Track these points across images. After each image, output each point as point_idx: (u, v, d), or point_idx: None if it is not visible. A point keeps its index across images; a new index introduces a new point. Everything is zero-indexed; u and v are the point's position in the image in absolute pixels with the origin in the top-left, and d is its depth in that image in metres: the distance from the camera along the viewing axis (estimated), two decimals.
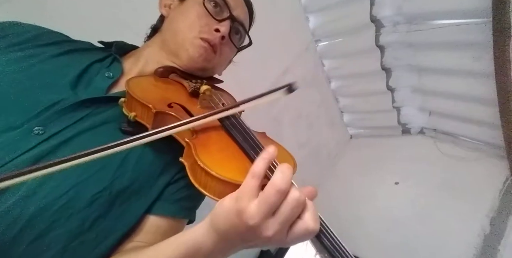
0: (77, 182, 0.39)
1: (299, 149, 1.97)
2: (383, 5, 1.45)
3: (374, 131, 2.16)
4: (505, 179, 1.44)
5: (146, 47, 0.60)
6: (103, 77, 0.50)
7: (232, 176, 0.34)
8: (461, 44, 1.30)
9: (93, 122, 0.44)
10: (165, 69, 0.55)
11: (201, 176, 0.36)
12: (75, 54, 0.52)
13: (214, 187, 0.35)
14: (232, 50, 0.63)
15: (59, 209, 0.37)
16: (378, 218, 1.69)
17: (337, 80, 2.02)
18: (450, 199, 1.52)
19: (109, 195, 0.41)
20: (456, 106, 1.54)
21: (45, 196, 0.37)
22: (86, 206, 0.39)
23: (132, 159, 0.44)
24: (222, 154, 0.39)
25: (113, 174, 0.42)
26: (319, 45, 1.86)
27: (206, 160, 0.36)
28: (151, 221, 0.46)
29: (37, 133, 0.39)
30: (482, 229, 1.35)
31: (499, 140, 1.37)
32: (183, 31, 0.55)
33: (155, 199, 0.46)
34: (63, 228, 0.37)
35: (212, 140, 0.42)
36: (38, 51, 0.48)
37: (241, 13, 0.59)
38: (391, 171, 1.85)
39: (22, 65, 0.44)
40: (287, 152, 0.47)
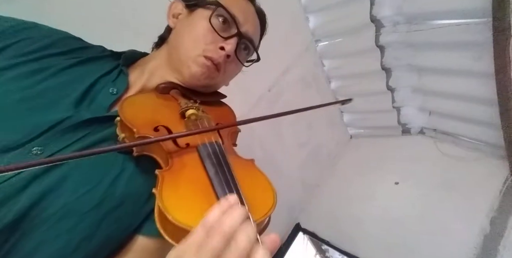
0: (68, 201, 0.39)
1: (299, 149, 1.98)
2: (383, 5, 1.45)
3: (374, 131, 2.16)
4: (505, 179, 1.44)
5: (152, 59, 0.59)
6: (107, 94, 0.50)
7: (189, 222, 0.32)
8: (461, 44, 1.30)
9: (90, 142, 0.44)
10: (166, 85, 0.54)
11: (161, 217, 0.34)
12: (84, 66, 0.51)
13: (173, 231, 0.33)
14: (238, 66, 0.61)
15: (48, 229, 0.37)
16: (378, 218, 1.69)
17: (337, 80, 2.02)
18: (450, 199, 1.52)
19: (98, 214, 0.40)
20: (456, 106, 1.54)
21: (36, 216, 0.37)
22: (75, 225, 0.39)
23: (122, 179, 0.44)
24: (188, 190, 0.37)
25: (103, 194, 0.41)
26: (319, 45, 1.87)
27: (166, 199, 0.34)
28: (138, 241, 0.45)
29: (35, 153, 0.40)
30: (482, 229, 1.35)
31: (499, 140, 1.37)
32: (187, 48, 0.53)
33: (143, 220, 0.46)
34: (46, 250, 0.37)
35: (185, 171, 0.40)
36: (50, 63, 0.47)
37: (250, 28, 0.57)
38: (391, 171, 1.85)
39: (30, 82, 0.44)
40: (268, 183, 0.44)
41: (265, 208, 0.38)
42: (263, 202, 0.39)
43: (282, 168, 1.86)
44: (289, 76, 1.76)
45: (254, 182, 0.43)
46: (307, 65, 1.86)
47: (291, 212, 1.98)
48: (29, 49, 0.47)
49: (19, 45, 0.47)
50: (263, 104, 1.65)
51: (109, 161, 0.44)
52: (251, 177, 0.44)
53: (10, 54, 0.46)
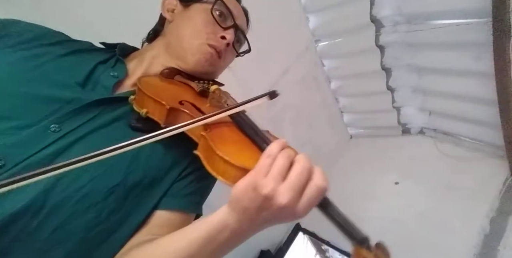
0: (94, 176, 0.41)
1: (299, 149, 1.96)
2: (383, 5, 1.45)
3: (374, 131, 2.16)
4: (505, 179, 1.44)
5: (149, 49, 0.62)
6: (108, 76, 0.52)
7: (248, 164, 0.36)
8: (461, 44, 1.30)
9: (104, 121, 0.46)
10: (170, 70, 0.57)
11: (219, 164, 0.38)
12: (80, 55, 0.53)
13: (233, 174, 0.37)
14: (233, 56, 0.66)
15: (77, 201, 0.39)
16: (378, 218, 1.69)
17: (337, 80, 2.02)
18: (450, 199, 1.52)
19: (124, 189, 0.43)
20: (456, 106, 1.54)
21: (64, 190, 0.39)
22: (102, 199, 0.41)
23: (144, 154, 0.46)
24: (236, 145, 0.42)
25: (127, 169, 0.44)
26: (319, 45, 1.87)
27: (223, 149, 0.38)
28: (161, 215, 0.47)
29: (53, 130, 0.41)
30: (482, 229, 1.35)
31: (499, 140, 1.37)
32: (190, 37, 0.57)
33: (162, 195, 0.48)
34: (81, 219, 0.39)
35: (225, 134, 0.44)
36: (44, 51, 0.49)
37: (242, 22, 0.63)
38: (391, 171, 1.85)
39: (32, 64, 0.46)
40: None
41: None
42: None
43: None
44: (289, 76, 1.76)
45: None
46: (307, 65, 1.86)
47: None
48: (18, 40, 0.48)
49: (5, 39, 0.48)
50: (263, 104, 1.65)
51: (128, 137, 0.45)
52: None
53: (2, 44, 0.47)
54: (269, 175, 0.33)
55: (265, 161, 0.34)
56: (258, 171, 0.34)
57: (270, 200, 0.32)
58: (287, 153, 0.35)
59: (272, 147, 0.36)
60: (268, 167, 0.34)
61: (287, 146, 0.38)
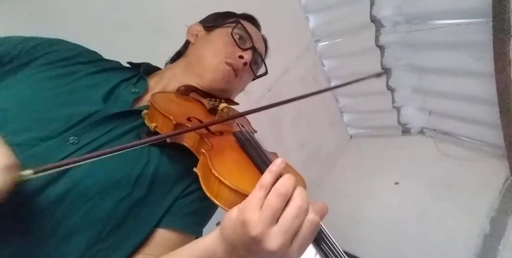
0: (102, 189, 0.42)
1: (299, 149, 1.97)
2: (383, 5, 1.45)
3: (374, 131, 2.16)
4: (505, 179, 1.44)
5: (169, 68, 0.67)
6: (129, 92, 0.56)
7: (244, 187, 0.35)
8: (461, 44, 1.30)
9: (119, 133, 0.48)
10: (186, 87, 0.60)
11: (214, 185, 0.37)
12: (107, 73, 0.58)
13: (227, 196, 0.36)
14: (250, 77, 0.70)
15: (84, 215, 0.40)
16: (378, 218, 1.69)
17: (337, 80, 2.02)
18: (450, 199, 1.52)
19: (128, 203, 0.44)
20: (456, 106, 1.54)
21: (73, 202, 0.40)
22: (107, 213, 0.42)
23: (150, 168, 0.47)
24: (235, 166, 0.42)
25: (134, 183, 0.45)
26: (319, 45, 1.86)
27: (220, 169, 0.37)
28: (160, 234, 0.47)
29: (72, 142, 0.43)
30: (482, 229, 1.35)
31: (499, 140, 1.37)
32: (210, 56, 0.61)
33: (164, 212, 0.48)
34: (84, 234, 0.40)
35: (226, 152, 0.44)
36: (78, 69, 0.54)
37: (260, 46, 0.68)
38: (391, 171, 1.85)
39: (63, 82, 0.50)
40: (296, 172, 0.48)
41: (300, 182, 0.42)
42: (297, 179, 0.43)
43: None
44: (289, 76, 1.76)
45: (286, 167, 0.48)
46: (307, 65, 1.86)
47: None
48: (57, 58, 0.54)
49: (50, 55, 0.53)
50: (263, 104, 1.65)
51: (136, 151, 0.47)
52: None
53: (42, 62, 0.52)
54: (261, 215, 0.30)
55: (258, 193, 0.32)
56: (248, 204, 0.31)
57: (258, 243, 0.30)
58: (284, 188, 0.32)
59: (266, 177, 0.33)
60: (260, 200, 0.32)
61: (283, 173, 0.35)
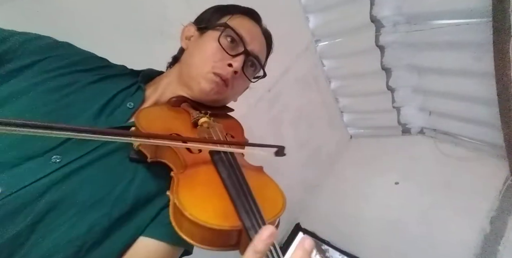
0: (82, 208, 0.41)
1: (299, 149, 1.97)
2: (383, 5, 1.45)
3: (374, 131, 2.16)
4: (505, 179, 1.44)
5: (165, 77, 0.64)
6: (125, 108, 0.53)
7: (206, 218, 0.33)
8: (461, 44, 1.30)
9: (106, 151, 0.46)
10: (177, 99, 0.58)
11: (177, 215, 0.35)
12: (106, 82, 0.56)
13: (188, 228, 0.34)
14: (246, 82, 0.65)
15: (62, 233, 0.39)
16: (378, 218, 1.69)
17: (337, 80, 2.02)
18: (450, 199, 1.52)
19: (108, 221, 0.43)
20: (456, 106, 1.54)
21: (52, 221, 0.39)
22: (86, 232, 0.41)
23: (133, 185, 0.46)
24: (203, 191, 0.39)
25: (115, 200, 0.44)
26: (319, 45, 1.86)
27: (183, 198, 0.35)
28: (143, 244, 0.46)
29: (54, 161, 0.42)
30: (482, 229, 1.35)
31: (499, 140, 1.37)
32: (197, 66, 0.57)
33: (149, 221, 0.47)
34: (61, 254, 0.39)
35: (199, 174, 0.42)
36: (77, 78, 0.52)
37: (256, 46, 0.61)
38: (391, 171, 1.85)
39: (60, 94, 0.48)
40: (278, 189, 0.45)
41: (275, 209, 0.39)
42: (273, 204, 0.41)
43: (282, 168, 1.86)
44: (289, 76, 1.76)
45: (264, 186, 0.45)
46: (307, 65, 1.86)
47: (291, 212, 1.98)
48: (58, 65, 0.51)
49: (49, 61, 0.51)
50: (263, 104, 1.66)
51: (121, 169, 0.47)
52: (261, 181, 0.46)
53: (40, 69, 0.50)
54: None
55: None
56: None
57: None
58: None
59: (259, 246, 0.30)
60: None
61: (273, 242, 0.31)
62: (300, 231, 1.96)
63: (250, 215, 0.34)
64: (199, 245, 0.34)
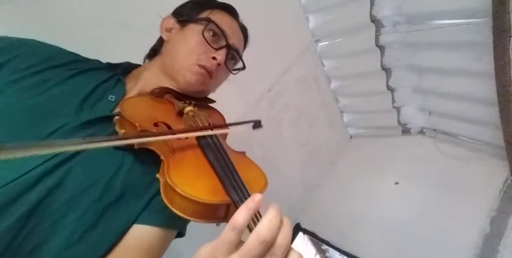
0: (72, 196, 0.42)
1: (299, 149, 1.98)
2: (383, 5, 1.45)
3: (374, 131, 2.16)
4: (505, 179, 1.44)
5: (145, 69, 0.64)
6: (107, 101, 0.54)
7: (196, 194, 0.36)
8: (461, 44, 1.30)
9: None
10: (161, 90, 0.59)
11: (169, 192, 0.37)
12: (84, 76, 0.55)
13: (180, 203, 0.36)
14: (227, 74, 0.68)
15: (55, 221, 0.41)
16: (378, 218, 1.69)
17: (337, 80, 2.02)
18: (450, 199, 1.52)
19: (99, 206, 0.44)
20: (456, 106, 1.54)
21: (44, 210, 0.40)
22: (78, 218, 0.42)
23: (122, 172, 0.47)
24: (192, 172, 0.41)
25: (104, 186, 0.45)
26: (319, 45, 1.87)
27: (174, 177, 0.38)
28: (137, 231, 0.47)
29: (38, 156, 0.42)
30: (482, 229, 1.35)
31: (499, 140, 1.37)
32: (182, 58, 0.59)
33: (142, 210, 0.48)
34: (55, 240, 0.40)
35: (187, 158, 0.44)
36: (50, 75, 0.51)
37: (236, 40, 0.64)
38: (391, 171, 1.85)
39: (35, 92, 0.48)
40: (260, 170, 0.48)
41: (259, 185, 0.43)
42: (257, 181, 0.44)
43: (282, 168, 1.86)
44: (289, 76, 1.76)
45: (247, 167, 0.49)
46: (307, 65, 1.86)
47: (291, 212, 1.98)
48: (29, 63, 0.50)
49: (17, 60, 0.50)
50: (263, 104, 1.66)
51: (109, 157, 0.47)
52: (245, 163, 0.50)
53: (11, 69, 0.49)
54: None
55: (230, 235, 0.29)
56: (221, 247, 0.29)
57: None
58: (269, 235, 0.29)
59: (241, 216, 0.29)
60: (233, 243, 0.29)
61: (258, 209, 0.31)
62: (300, 231, 1.96)
63: (237, 190, 0.37)
64: (191, 218, 0.37)
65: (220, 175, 0.40)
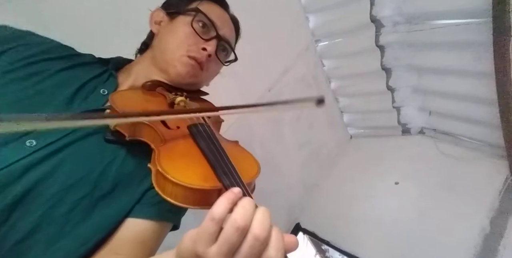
0: (61, 189, 0.42)
1: (299, 149, 1.98)
2: (383, 5, 1.45)
3: (374, 131, 2.16)
4: (505, 179, 1.44)
5: (137, 63, 0.64)
6: (99, 95, 0.53)
7: (187, 180, 0.36)
8: (461, 44, 1.30)
9: (83, 133, 0.47)
10: (152, 83, 0.58)
11: (160, 180, 0.37)
12: (77, 69, 0.55)
13: (171, 190, 0.37)
14: (219, 66, 0.67)
15: (42, 214, 0.40)
16: (378, 218, 1.69)
17: (337, 80, 2.02)
18: (450, 199, 1.51)
19: (90, 201, 0.43)
20: (456, 106, 1.54)
21: (30, 203, 0.40)
22: (68, 211, 0.42)
23: (114, 165, 0.47)
24: (183, 160, 0.41)
25: (96, 180, 0.44)
26: (319, 45, 1.87)
27: (165, 165, 0.38)
28: (131, 225, 0.47)
29: (29, 145, 0.42)
30: (482, 229, 1.35)
31: (499, 140, 1.37)
32: (172, 50, 0.58)
33: (135, 203, 0.48)
34: (44, 232, 0.40)
35: (178, 146, 0.44)
36: (45, 66, 0.51)
37: (227, 31, 0.63)
38: (391, 171, 1.85)
39: (29, 82, 0.48)
40: (253, 157, 0.48)
41: (251, 172, 0.43)
42: (249, 168, 0.44)
43: (282, 168, 1.86)
44: (289, 76, 1.76)
45: (240, 154, 0.49)
46: (307, 65, 1.86)
47: (291, 212, 1.98)
48: (27, 54, 0.51)
49: (17, 50, 0.51)
50: None
51: (101, 150, 0.47)
52: (237, 151, 0.50)
53: (10, 58, 0.49)
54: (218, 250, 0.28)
55: (209, 225, 0.29)
56: (201, 237, 0.29)
57: None
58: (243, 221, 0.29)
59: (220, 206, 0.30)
60: (213, 233, 0.29)
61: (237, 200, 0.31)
62: (300, 231, 1.96)
63: (229, 176, 0.37)
64: (183, 204, 0.37)
65: (212, 162, 0.39)
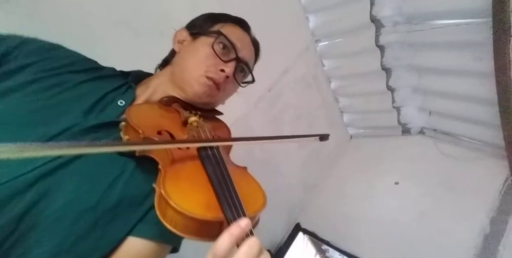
0: (66, 201, 0.41)
1: (299, 149, 1.98)
2: (383, 5, 1.45)
3: (374, 131, 2.16)
4: (505, 179, 1.44)
5: (156, 77, 0.65)
6: (116, 106, 0.55)
7: (189, 208, 0.35)
8: (461, 44, 1.30)
9: None
10: (169, 99, 0.59)
11: (162, 204, 0.36)
12: (98, 82, 0.57)
13: (172, 217, 0.35)
14: (235, 86, 0.68)
15: (45, 228, 0.40)
16: (378, 218, 1.69)
17: (337, 80, 2.02)
18: (450, 199, 1.52)
19: (94, 214, 0.43)
20: (456, 106, 1.54)
21: (37, 215, 0.39)
22: (71, 224, 0.41)
23: (121, 181, 0.47)
24: (188, 184, 0.41)
25: (102, 194, 0.44)
26: (319, 45, 1.87)
27: (169, 189, 0.37)
28: (131, 244, 0.46)
29: None
30: (482, 229, 1.35)
31: (499, 140, 1.37)
32: (191, 69, 0.59)
33: (137, 221, 0.47)
34: (45, 246, 0.39)
35: (185, 168, 0.44)
36: (68, 78, 0.53)
37: (246, 53, 0.65)
38: (391, 171, 1.85)
39: (51, 93, 0.50)
40: (260, 188, 0.47)
41: (256, 205, 0.42)
42: (255, 200, 0.43)
43: (282, 168, 1.87)
44: (289, 76, 1.76)
45: (247, 184, 0.47)
46: (307, 65, 1.86)
47: (291, 212, 1.98)
48: (52, 66, 0.53)
49: (44, 62, 0.53)
50: (264, 104, 1.66)
51: (111, 162, 0.47)
52: (244, 179, 0.48)
53: (35, 69, 0.51)
54: None
55: None
56: None
57: None
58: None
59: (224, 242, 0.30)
60: None
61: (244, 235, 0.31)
62: (300, 231, 1.96)
63: (232, 208, 0.36)
64: (182, 234, 0.35)
65: (217, 190, 0.39)
